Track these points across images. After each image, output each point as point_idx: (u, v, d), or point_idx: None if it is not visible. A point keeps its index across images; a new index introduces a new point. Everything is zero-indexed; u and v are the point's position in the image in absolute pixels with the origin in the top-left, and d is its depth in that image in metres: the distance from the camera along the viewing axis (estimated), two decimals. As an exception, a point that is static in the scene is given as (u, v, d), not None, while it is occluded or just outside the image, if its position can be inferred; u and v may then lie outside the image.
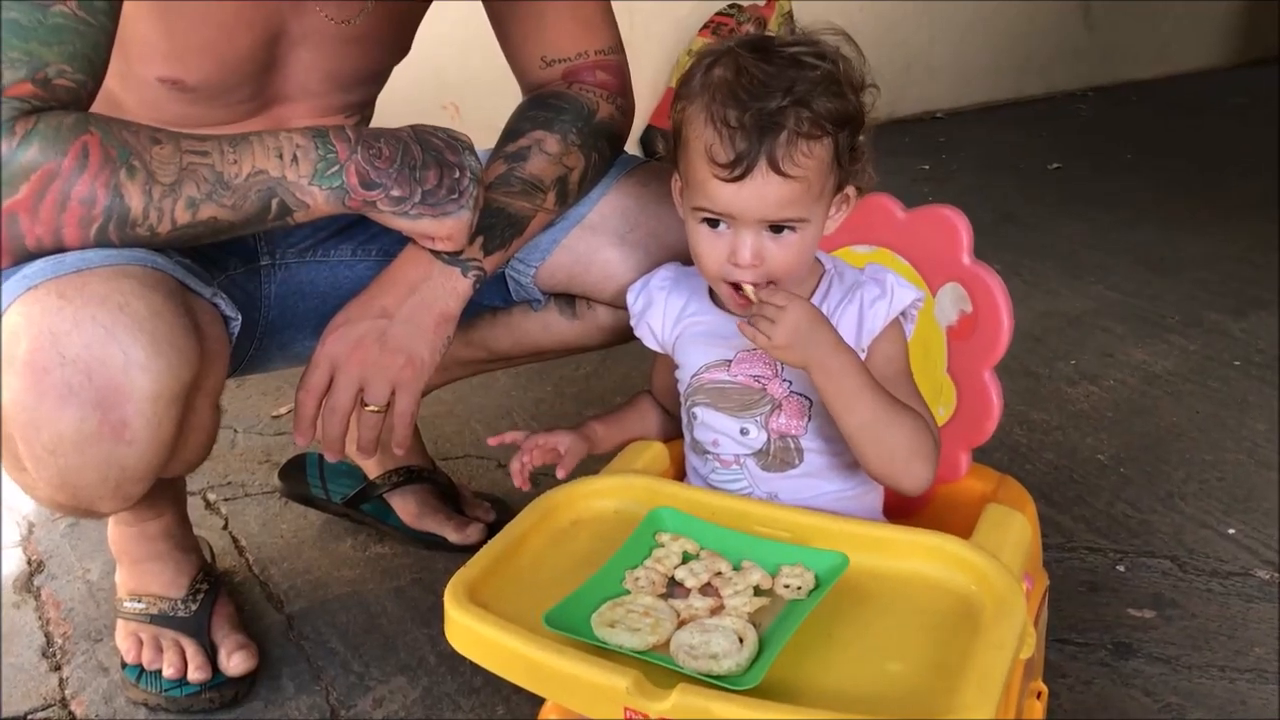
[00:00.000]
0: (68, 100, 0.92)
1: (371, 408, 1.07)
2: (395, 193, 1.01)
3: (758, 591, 0.88)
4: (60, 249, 0.93)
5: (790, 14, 3.53)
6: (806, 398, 1.00)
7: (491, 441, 1.10)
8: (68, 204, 0.91)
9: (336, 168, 0.99)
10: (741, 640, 0.82)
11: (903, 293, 0.99)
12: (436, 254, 1.08)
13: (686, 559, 0.92)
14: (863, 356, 0.99)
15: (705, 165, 0.93)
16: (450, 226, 1.04)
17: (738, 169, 0.91)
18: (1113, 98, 4.44)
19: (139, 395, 0.91)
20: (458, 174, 1.03)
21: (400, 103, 1.42)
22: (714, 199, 0.94)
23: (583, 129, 1.18)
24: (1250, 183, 3.05)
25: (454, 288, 1.08)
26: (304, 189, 0.99)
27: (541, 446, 1.07)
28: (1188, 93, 4.50)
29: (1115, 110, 4.25)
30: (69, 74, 0.91)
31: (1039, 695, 1.06)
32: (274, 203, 0.98)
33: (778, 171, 0.91)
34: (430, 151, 1.03)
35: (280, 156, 0.98)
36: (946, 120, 4.09)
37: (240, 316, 1.05)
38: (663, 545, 0.93)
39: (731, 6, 3.58)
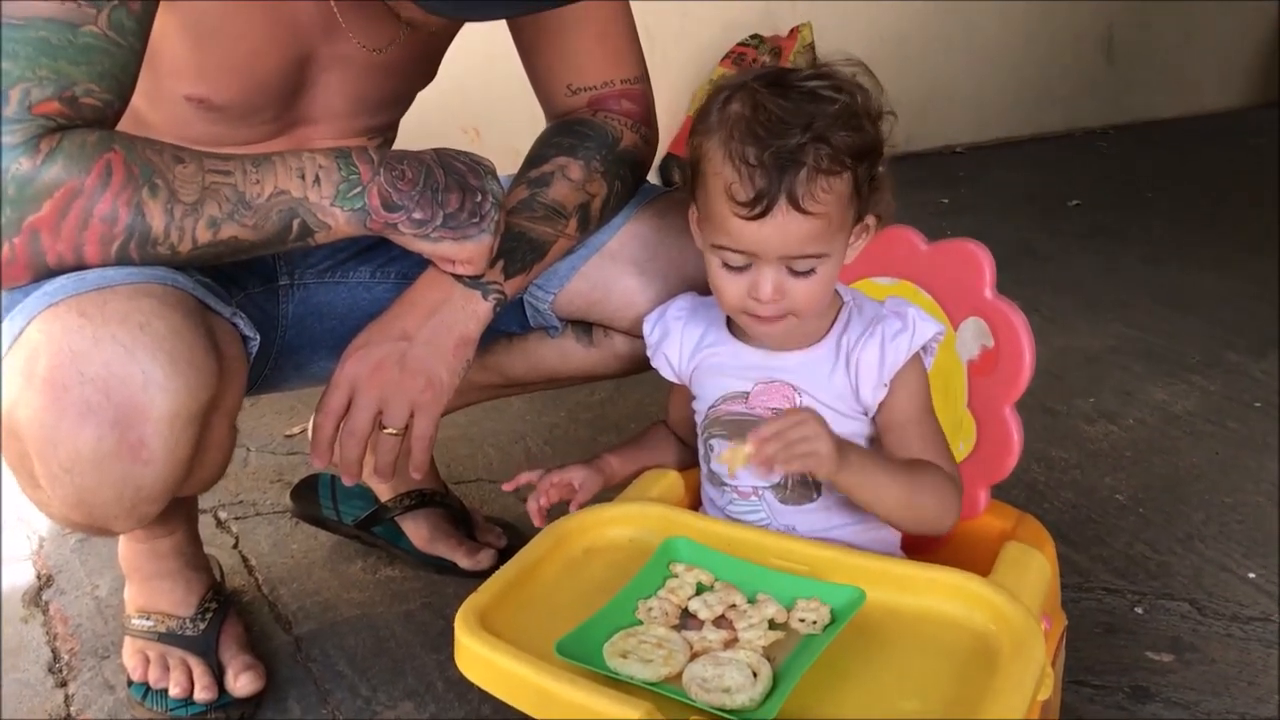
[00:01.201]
0: (94, 119, 0.92)
1: (390, 430, 1.07)
2: (417, 215, 1.01)
3: (772, 625, 0.87)
4: (81, 266, 0.93)
5: (811, 45, 3.54)
6: (826, 432, 1.00)
7: (506, 487, 1.09)
8: (90, 222, 0.91)
9: (359, 189, 0.99)
10: (755, 674, 0.81)
11: (924, 327, 0.98)
12: (457, 277, 1.07)
13: (700, 590, 0.91)
14: (884, 393, 0.98)
15: (725, 203, 0.92)
16: (471, 250, 1.04)
17: (758, 207, 0.90)
18: (1133, 135, 4.43)
19: (157, 415, 0.91)
20: (479, 198, 1.03)
21: (422, 126, 1.42)
22: (734, 237, 0.93)
23: (606, 156, 1.18)
24: (1271, 223, 3.03)
25: (474, 310, 1.08)
26: (326, 210, 0.99)
27: (556, 484, 1.07)
28: (1209, 132, 4.49)
29: (1136, 148, 4.24)
30: (96, 93, 0.91)
31: (1056, 737, 1.04)
32: (295, 223, 0.98)
33: (798, 209, 0.90)
34: (453, 175, 1.03)
35: (303, 177, 0.98)
36: (966, 155, 4.09)
37: (259, 336, 1.05)
38: (677, 576, 0.92)
39: (753, 37, 3.59)
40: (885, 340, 0.98)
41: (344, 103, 1.17)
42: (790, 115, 0.91)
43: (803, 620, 0.87)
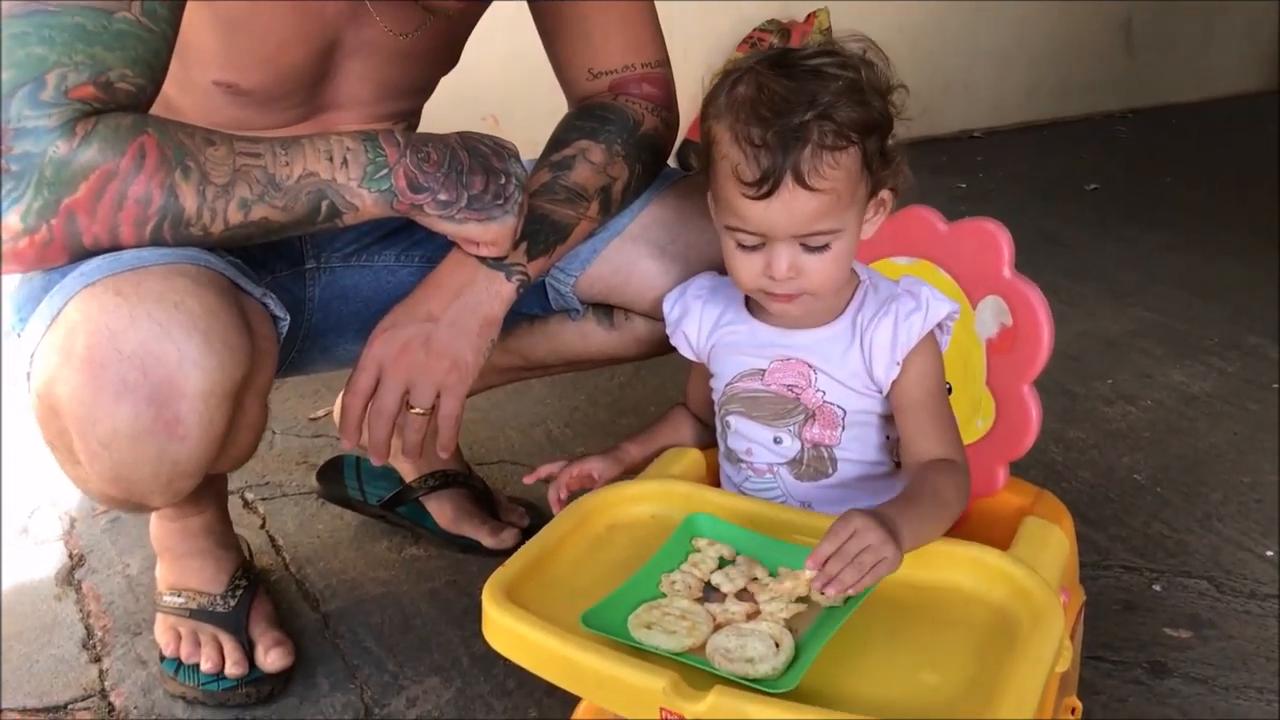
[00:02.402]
0: (127, 103, 0.94)
1: (417, 411, 1.08)
2: (442, 196, 1.02)
3: (794, 599, 0.88)
4: (116, 247, 0.95)
5: (828, 30, 3.54)
6: (840, 408, 1.01)
7: (528, 480, 1.11)
8: (124, 203, 0.93)
9: (385, 171, 1.01)
10: (778, 645, 0.82)
11: (938, 306, 0.99)
12: (481, 259, 1.09)
13: (723, 564, 0.92)
14: (897, 371, 0.99)
15: (733, 184, 0.93)
16: (495, 231, 1.05)
17: (764, 186, 0.91)
18: (1152, 120, 4.41)
19: (192, 392, 0.93)
20: (503, 180, 1.05)
21: (440, 115, 1.44)
22: (744, 217, 0.94)
23: (627, 140, 1.19)
24: (1293, 207, 3.02)
25: (498, 291, 1.10)
26: (354, 191, 1.00)
27: (576, 476, 1.08)
28: (1228, 117, 4.46)
29: (1155, 133, 4.22)
30: (130, 78, 0.93)
31: (1073, 711, 1.05)
32: (324, 204, 1.00)
33: (804, 186, 0.91)
34: (477, 157, 1.05)
35: (330, 159, 0.99)
36: (984, 140, 4.08)
37: (289, 317, 1.07)
38: (699, 550, 0.93)
39: (770, 22, 3.59)
40: (899, 319, 0.98)
41: (369, 89, 1.18)
42: (793, 94, 0.91)
43: (824, 593, 0.88)
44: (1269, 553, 1.48)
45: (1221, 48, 4.80)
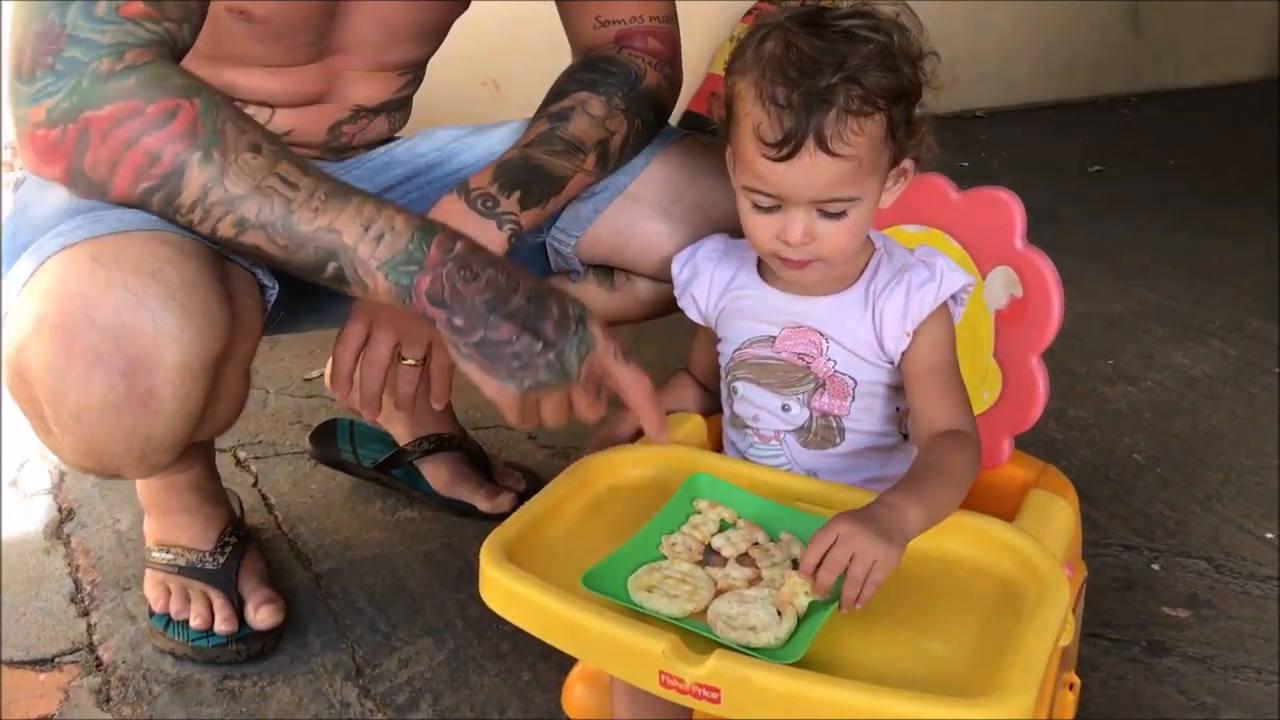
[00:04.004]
0: (177, 16, 0.92)
1: (409, 361, 1.06)
2: (458, 321, 0.92)
3: (795, 565, 0.87)
4: (107, 184, 0.92)
5: (836, 2, 3.51)
6: (851, 378, 0.99)
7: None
8: (135, 146, 0.90)
9: (414, 268, 0.92)
10: (781, 614, 0.81)
11: (953, 277, 0.97)
12: (471, 205, 1.07)
13: (724, 527, 0.91)
14: (906, 342, 0.97)
15: (754, 144, 0.91)
16: (493, 389, 0.93)
17: (785, 148, 0.89)
18: (1157, 103, 4.39)
19: (167, 365, 0.91)
20: (540, 348, 0.91)
21: (442, 78, 1.41)
22: (763, 178, 0.92)
23: (628, 94, 1.17)
24: (1296, 193, 3.01)
25: (489, 241, 1.07)
26: (370, 270, 0.92)
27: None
28: (1233, 102, 4.45)
29: (1159, 116, 4.20)
30: None
31: (1072, 687, 1.05)
32: (331, 265, 0.93)
33: (826, 151, 0.89)
34: (531, 310, 0.92)
35: (366, 228, 0.92)
36: (988, 119, 4.05)
37: (277, 285, 1.04)
38: (700, 512, 0.92)
39: (776, -7, 3.56)
40: (911, 289, 0.96)
41: (377, 31, 1.15)
42: (823, 54, 0.89)
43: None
44: (1268, 534, 1.47)
45: (1228, 33, 4.78)
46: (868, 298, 0.98)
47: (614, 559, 0.86)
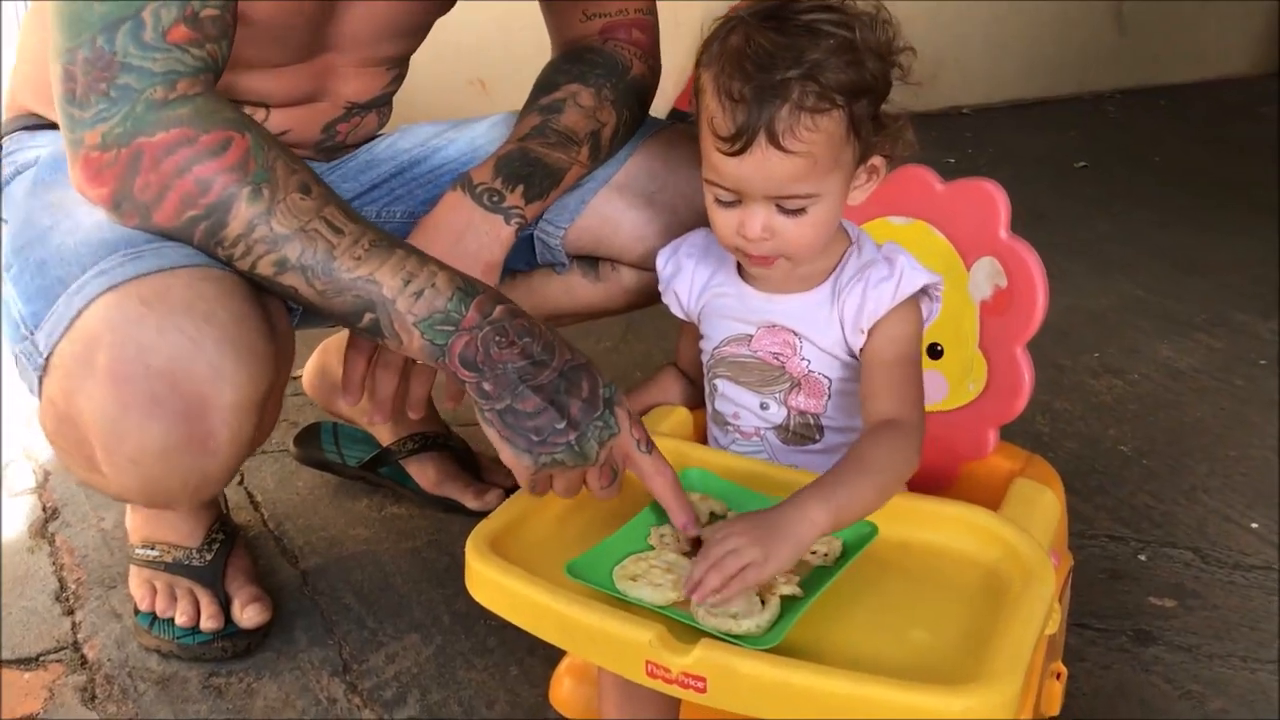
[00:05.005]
0: (214, 33, 0.93)
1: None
2: (487, 387, 0.91)
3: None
4: (152, 210, 0.92)
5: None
6: (826, 377, 0.99)
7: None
8: (186, 175, 0.90)
9: (451, 329, 0.91)
10: (763, 602, 0.81)
11: (913, 275, 0.95)
12: (477, 200, 1.07)
13: (714, 519, 0.91)
14: (862, 340, 0.96)
15: (710, 137, 0.90)
16: (508, 457, 0.92)
17: (737, 143, 0.88)
18: (1142, 100, 4.40)
19: (224, 405, 0.91)
20: (563, 426, 0.89)
21: (430, 77, 1.41)
22: (719, 172, 0.91)
23: (616, 85, 1.17)
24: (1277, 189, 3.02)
25: (497, 235, 1.07)
26: (406, 325, 0.92)
27: None
28: (1219, 98, 4.46)
29: (1144, 113, 4.21)
30: (211, 3, 0.92)
31: (1058, 676, 1.05)
32: (368, 316, 0.92)
33: (778, 146, 0.87)
34: (560, 386, 0.91)
35: (407, 282, 0.91)
36: (973, 116, 4.06)
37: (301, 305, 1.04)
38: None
39: (760, -10, 3.55)
40: (869, 286, 0.95)
41: (369, 29, 1.15)
42: (780, 49, 0.88)
43: (814, 553, 0.87)
44: (1254, 525, 1.48)
45: (1214, 30, 4.79)
46: (834, 295, 0.97)
47: (599, 549, 0.86)
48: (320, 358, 1.51)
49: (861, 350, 0.97)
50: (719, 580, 0.78)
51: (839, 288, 0.97)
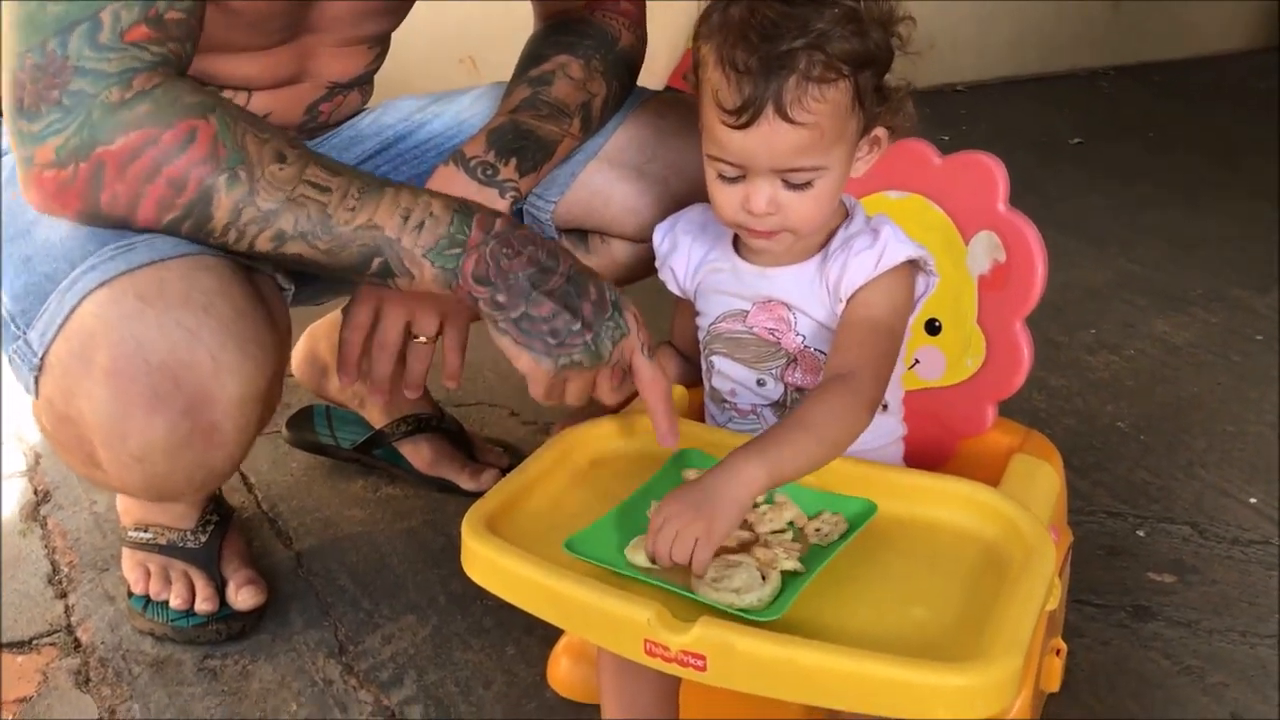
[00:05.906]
0: (178, 34, 0.90)
1: (422, 339, 1.05)
2: (500, 298, 0.92)
3: (791, 528, 0.87)
4: (129, 219, 0.90)
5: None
6: (821, 352, 0.98)
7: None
8: (156, 178, 0.88)
9: (459, 250, 0.92)
10: (764, 577, 0.80)
11: (896, 248, 0.93)
12: (471, 174, 1.05)
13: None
14: (841, 306, 0.95)
15: (714, 111, 0.89)
16: (526, 363, 0.93)
17: (743, 116, 0.86)
18: (1136, 77, 4.39)
19: (228, 398, 0.90)
20: (578, 327, 0.91)
21: (419, 56, 1.39)
22: (724, 146, 0.90)
23: (606, 55, 1.16)
24: (1273, 164, 3.01)
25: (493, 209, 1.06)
26: (415, 259, 0.92)
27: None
28: (1213, 74, 4.45)
29: (1138, 88, 4.20)
30: (177, 5, 0.89)
31: (1058, 652, 1.04)
32: (376, 261, 0.92)
33: (785, 118, 0.86)
34: (573, 290, 0.92)
35: (405, 218, 0.91)
36: (967, 93, 4.05)
37: (294, 286, 1.03)
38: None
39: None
40: (850, 255, 0.94)
41: (349, 8, 1.13)
42: (785, 19, 0.86)
43: (818, 530, 0.87)
44: (1251, 499, 1.48)
45: (1205, 7, 4.78)
46: (822, 266, 0.96)
47: (598, 526, 0.86)
48: (308, 343, 1.50)
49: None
50: (665, 548, 0.79)
51: (826, 257, 0.96)
